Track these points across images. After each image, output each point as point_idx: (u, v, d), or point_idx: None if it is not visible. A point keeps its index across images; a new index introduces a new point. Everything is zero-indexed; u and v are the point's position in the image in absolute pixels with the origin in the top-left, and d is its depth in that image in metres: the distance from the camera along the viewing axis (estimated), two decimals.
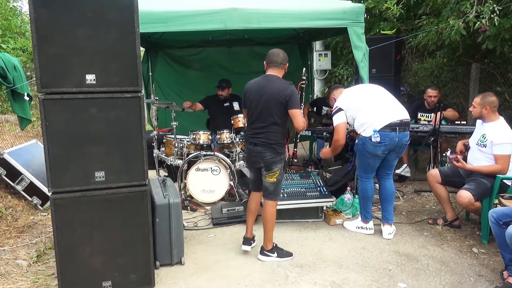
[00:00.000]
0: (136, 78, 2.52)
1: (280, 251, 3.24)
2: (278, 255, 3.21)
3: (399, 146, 3.47)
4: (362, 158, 3.59)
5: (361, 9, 4.33)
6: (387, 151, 3.47)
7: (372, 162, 3.55)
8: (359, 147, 3.57)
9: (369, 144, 3.43)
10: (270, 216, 3.17)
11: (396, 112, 3.49)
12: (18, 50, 10.30)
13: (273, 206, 3.19)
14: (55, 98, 2.39)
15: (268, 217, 3.17)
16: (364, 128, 3.48)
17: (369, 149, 3.45)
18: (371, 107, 3.51)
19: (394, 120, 3.41)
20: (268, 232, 3.20)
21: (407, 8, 5.88)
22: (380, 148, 3.42)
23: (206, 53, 6.86)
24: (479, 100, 3.51)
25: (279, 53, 3.15)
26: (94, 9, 2.37)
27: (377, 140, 3.38)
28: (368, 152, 3.48)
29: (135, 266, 2.70)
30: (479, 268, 3.08)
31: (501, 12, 4.18)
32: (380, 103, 3.56)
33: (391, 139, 3.40)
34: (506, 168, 3.40)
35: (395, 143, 3.42)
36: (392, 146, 3.43)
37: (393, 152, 3.50)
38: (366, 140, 3.44)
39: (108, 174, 2.54)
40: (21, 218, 4.03)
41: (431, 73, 6.84)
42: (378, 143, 3.39)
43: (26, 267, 3.10)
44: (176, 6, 4.13)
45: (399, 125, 3.42)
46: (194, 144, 4.78)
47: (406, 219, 4.13)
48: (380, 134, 3.38)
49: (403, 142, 3.47)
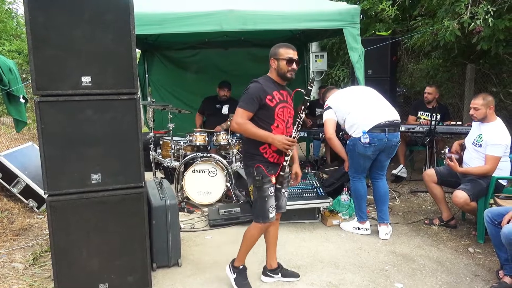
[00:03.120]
0: (132, 80, 2.52)
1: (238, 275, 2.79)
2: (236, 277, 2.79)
3: (389, 147, 3.50)
4: (353, 158, 3.63)
5: (356, 11, 4.35)
6: (377, 152, 3.50)
7: (362, 163, 3.58)
8: (350, 148, 3.62)
9: (359, 145, 3.46)
10: (247, 235, 2.73)
11: (385, 113, 3.53)
12: (14, 52, 10.27)
13: (254, 228, 2.68)
14: (50, 100, 2.38)
15: (245, 235, 2.75)
16: (354, 129, 3.52)
17: (359, 150, 3.49)
18: (360, 108, 3.56)
19: (383, 121, 3.44)
20: (240, 249, 2.80)
21: (403, 10, 5.91)
22: (369, 149, 3.45)
23: (203, 55, 6.86)
24: (481, 102, 3.48)
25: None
26: (90, 11, 2.37)
27: (366, 141, 3.41)
28: (358, 153, 3.52)
29: (132, 268, 2.69)
30: (475, 267, 3.10)
31: (495, 13, 4.21)
32: (369, 104, 3.61)
33: (380, 140, 3.43)
34: (494, 169, 3.41)
35: (385, 144, 3.45)
36: (381, 146, 3.46)
37: (383, 153, 3.53)
38: (356, 141, 3.48)
39: (105, 176, 2.53)
40: (17, 221, 4.02)
41: (427, 73, 6.87)
42: (367, 144, 3.42)
43: (22, 270, 3.09)
44: (172, 8, 4.14)
45: (388, 126, 3.45)
46: (190, 145, 4.78)
47: (402, 219, 4.14)
48: (369, 135, 3.41)
49: (392, 143, 3.50)
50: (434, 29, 4.95)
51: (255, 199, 2.64)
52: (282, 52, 2.58)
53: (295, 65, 2.57)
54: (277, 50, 2.60)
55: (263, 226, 2.66)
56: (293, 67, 2.57)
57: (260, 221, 2.63)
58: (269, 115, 2.56)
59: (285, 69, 2.57)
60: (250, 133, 2.55)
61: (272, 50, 2.63)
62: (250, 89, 2.56)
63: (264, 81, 2.61)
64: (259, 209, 2.61)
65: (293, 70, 2.58)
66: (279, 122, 2.58)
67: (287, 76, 2.59)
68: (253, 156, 2.62)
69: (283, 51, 2.58)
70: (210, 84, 5.88)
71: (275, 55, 2.61)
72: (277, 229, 2.90)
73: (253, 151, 2.62)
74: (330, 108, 3.71)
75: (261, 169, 2.57)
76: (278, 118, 2.58)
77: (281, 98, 2.60)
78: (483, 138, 3.49)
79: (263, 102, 2.53)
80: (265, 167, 2.58)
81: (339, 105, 3.67)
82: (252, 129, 2.52)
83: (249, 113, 2.52)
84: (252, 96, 2.52)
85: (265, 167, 2.58)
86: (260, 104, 2.52)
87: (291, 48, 2.59)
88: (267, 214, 2.59)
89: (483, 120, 3.55)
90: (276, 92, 2.59)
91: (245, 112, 2.53)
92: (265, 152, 2.59)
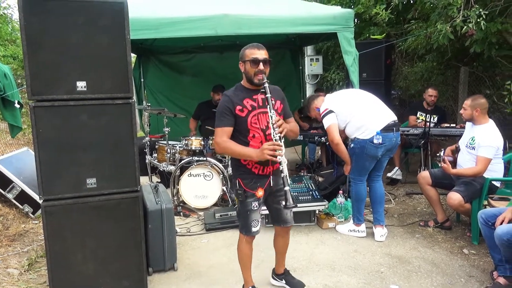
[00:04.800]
0: (127, 84, 2.53)
1: None
2: None
3: (395, 146, 3.57)
4: (358, 161, 3.58)
5: (350, 15, 4.38)
6: (385, 152, 3.54)
7: (368, 164, 3.58)
8: (356, 151, 3.54)
9: (370, 146, 3.45)
10: (238, 251, 2.63)
11: (389, 114, 3.59)
12: (9, 58, 10.25)
13: (240, 241, 2.59)
14: (46, 105, 2.39)
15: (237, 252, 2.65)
16: (362, 131, 3.49)
17: (370, 151, 3.47)
18: (365, 110, 3.56)
19: (389, 121, 3.50)
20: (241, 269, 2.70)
21: (396, 13, 5.96)
22: (380, 149, 3.47)
23: (198, 59, 6.88)
24: (469, 103, 3.56)
25: None
26: (85, 16, 2.38)
27: (379, 142, 3.43)
28: (367, 155, 3.50)
29: (128, 273, 2.69)
30: (470, 269, 3.12)
31: (488, 17, 4.26)
32: (373, 106, 3.63)
33: (390, 139, 3.48)
34: (483, 170, 3.43)
35: (393, 143, 3.50)
36: (390, 146, 3.50)
37: (388, 152, 3.57)
38: (366, 142, 3.46)
39: (100, 180, 2.53)
40: (12, 226, 4.00)
41: (421, 76, 6.92)
42: (379, 144, 3.44)
43: (18, 276, 3.07)
44: (167, 12, 4.15)
45: (393, 126, 3.52)
46: (186, 149, 4.79)
47: (397, 221, 4.16)
48: (381, 136, 3.44)
49: (397, 143, 3.57)
50: (428, 32, 5.00)
51: (238, 212, 2.57)
52: (247, 53, 2.37)
53: (261, 65, 2.33)
54: (243, 51, 2.40)
55: (248, 238, 2.56)
56: (260, 68, 2.32)
57: (243, 233, 2.54)
58: (242, 126, 2.38)
59: (251, 71, 2.35)
60: (230, 152, 2.42)
61: (240, 52, 2.44)
62: (219, 105, 2.42)
63: (233, 92, 2.44)
64: (242, 221, 2.53)
65: (260, 71, 2.33)
66: (254, 131, 2.39)
67: (253, 80, 2.36)
68: (238, 168, 2.50)
69: (247, 52, 2.37)
70: (205, 88, 5.89)
71: (241, 57, 2.41)
72: (284, 241, 2.78)
73: (236, 162, 2.50)
74: (332, 112, 3.53)
75: (241, 185, 2.45)
76: (253, 127, 2.39)
77: (254, 105, 2.40)
78: (475, 140, 3.52)
79: (235, 113, 2.37)
80: (248, 180, 2.45)
81: (341, 107, 3.57)
82: (232, 147, 2.36)
83: (224, 128, 2.37)
84: (221, 111, 2.38)
85: (248, 180, 2.45)
86: (234, 116, 2.37)
87: (256, 48, 2.36)
88: (249, 228, 2.50)
89: (475, 122, 3.58)
90: (247, 99, 2.39)
91: (220, 130, 2.38)
92: (247, 163, 2.44)
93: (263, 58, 2.34)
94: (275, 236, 2.80)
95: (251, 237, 2.57)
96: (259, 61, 2.33)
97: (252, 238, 2.60)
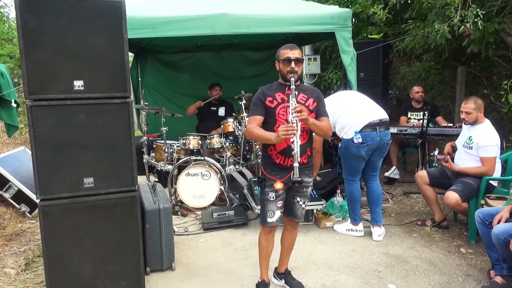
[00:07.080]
0: (125, 83, 2.52)
1: None
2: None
3: (381, 145, 3.52)
4: (346, 161, 3.63)
5: (348, 14, 4.38)
6: (370, 151, 3.52)
7: (356, 164, 3.59)
8: (342, 151, 3.61)
9: (352, 146, 3.47)
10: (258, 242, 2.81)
11: (374, 112, 3.57)
12: (5, 57, 10.19)
13: (260, 232, 2.77)
14: (42, 104, 2.38)
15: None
16: (346, 131, 3.53)
17: (353, 151, 3.49)
18: (350, 110, 3.57)
19: (373, 120, 3.48)
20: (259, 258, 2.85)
21: (394, 13, 5.96)
22: (363, 149, 3.46)
23: (196, 58, 6.87)
24: (473, 106, 3.52)
25: None
26: (82, 15, 2.36)
27: (359, 141, 3.43)
28: (352, 154, 3.53)
29: (126, 273, 2.68)
30: (467, 268, 3.13)
31: (485, 16, 4.27)
32: (358, 105, 3.64)
33: (372, 138, 3.45)
34: (492, 170, 3.46)
35: (377, 142, 3.47)
36: (374, 145, 3.48)
37: (376, 152, 3.55)
38: (349, 142, 3.49)
39: (97, 180, 2.52)
40: (9, 226, 3.98)
41: (419, 76, 6.93)
42: (360, 143, 3.44)
43: (14, 276, 3.06)
44: (165, 11, 4.15)
45: (379, 124, 3.49)
46: (184, 149, 4.78)
47: (395, 221, 4.17)
48: (361, 135, 3.43)
49: (384, 142, 3.53)
50: (425, 32, 5.01)
51: (259, 201, 2.75)
52: (281, 53, 2.62)
53: (293, 64, 2.55)
54: (278, 52, 2.65)
55: (264, 229, 2.70)
56: (291, 67, 2.54)
57: (261, 223, 2.70)
58: (270, 116, 2.59)
59: (284, 70, 2.59)
60: (255, 136, 2.60)
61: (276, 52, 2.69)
62: (253, 97, 2.68)
63: (267, 86, 2.68)
64: (261, 211, 2.68)
65: (292, 70, 2.55)
66: (280, 122, 2.57)
67: (286, 77, 2.59)
68: (263, 157, 2.72)
69: (281, 52, 2.62)
70: (203, 87, 5.88)
71: (276, 57, 2.66)
72: (292, 236, 2.87)
73: (264, 153, 2.71)
74: None
75: (263, 172, 2.63)
76: (280, 118, 2.57)
77: (284, 98, 2.59)
78: (473, 140, 3.54)
79: (265, 104, 2.59)
80: (270, 170, 2.61)
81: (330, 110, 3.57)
82: (256, 131, 2.55)
83: (255, 117, 2.59)
84: (254, 102, 2.63)
85: (270, 169, 2.61)
86: (264, 106, 2.58)
87: (288, 48, 2.60)
88: (265, 217, 2.63)
89: (475, 123, 3.59)
90: (279, 93, 2.61)
91: (251, 118, 2.61)
92: (272, 153, 2.61)
93: (295, 58, 2.56)
94: (284, 229, 2.89)
95: (268, 228, 2.69)
96: (291, 60, 2.55)
97: (270, 230, 2.71)
